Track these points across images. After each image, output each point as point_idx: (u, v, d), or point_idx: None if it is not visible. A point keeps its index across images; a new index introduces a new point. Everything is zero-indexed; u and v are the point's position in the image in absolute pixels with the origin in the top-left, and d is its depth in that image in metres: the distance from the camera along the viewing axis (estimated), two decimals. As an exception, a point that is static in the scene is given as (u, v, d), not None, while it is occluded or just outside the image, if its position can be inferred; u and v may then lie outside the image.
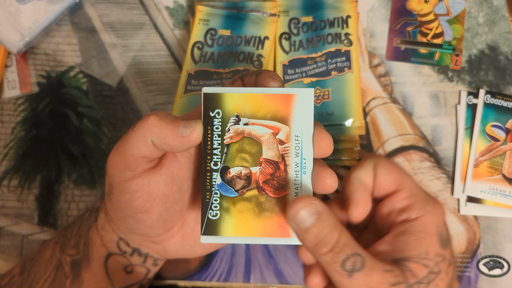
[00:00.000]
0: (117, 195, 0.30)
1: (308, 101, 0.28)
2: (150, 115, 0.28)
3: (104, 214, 0.35)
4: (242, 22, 0.46)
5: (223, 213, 0.28)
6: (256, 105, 0.28)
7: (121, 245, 0.34)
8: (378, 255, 0.28)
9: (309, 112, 0.28)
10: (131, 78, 0.47)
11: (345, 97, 0.43)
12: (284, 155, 0.28)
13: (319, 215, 0.27)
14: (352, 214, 0.29)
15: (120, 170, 0.29)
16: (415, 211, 0.28)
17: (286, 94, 0.28)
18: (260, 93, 0.28)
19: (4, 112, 0.47)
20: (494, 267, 0.41)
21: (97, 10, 0.49)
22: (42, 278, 0.34)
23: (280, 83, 0.29)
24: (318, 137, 0.28)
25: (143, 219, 0.31)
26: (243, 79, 0.31)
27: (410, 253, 0.27)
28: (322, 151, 0.28)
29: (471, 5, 0.47)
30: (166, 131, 0.27)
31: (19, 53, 0.47)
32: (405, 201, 0.29)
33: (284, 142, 0.28)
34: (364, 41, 0.47)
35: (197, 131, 0.27)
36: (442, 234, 0.28)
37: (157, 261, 0.36)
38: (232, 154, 0.28)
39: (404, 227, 0.28)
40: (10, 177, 0.45)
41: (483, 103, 0.45)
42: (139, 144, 0.28)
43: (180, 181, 0.31)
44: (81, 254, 0.34)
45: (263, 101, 0.28)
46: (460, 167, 0.43)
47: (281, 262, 0.42)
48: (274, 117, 0.28)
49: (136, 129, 0.28)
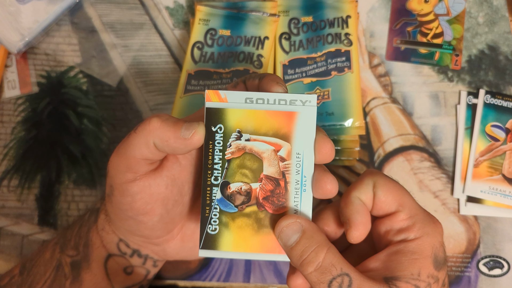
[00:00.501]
0: (118, 197, 0.30)
1: (310, 119, 0.28)
2: (152, 117, 0.28)
3: (104, 215, 0.35)
4: (242, 22, 0.46)
5: (222, 228, 0.28)
6: (258, 121, 0.28)
7: (121, 246, 0.34)
8: (368, 272, 0.28)
9: (311, 130, 0.28)
10: (131, 78, 0.47)
11: (345, 97, 0.43)
12: (284, 172, 0.28)
13: (303, 233, 0.27)
14: (352, 237, 0.28)
15: (121, 172, 0.29)
16: (413, 233, 0.28)
17: (288, 111, 0.28)
18: (263, 110, 0.28)
19: (4, 112, 0.47)
20: (494, 267, 0.41)
21: (97, 10, 0.49)
22: (42, 278, 0.34)
23: (284, 87, 0.29)
24: (320, 143, 0.28)
25: (144, 221, 0.31)
26: (245, 82, 0.31)
27: (402, 273, 0.27)
28: (323, 157, 0.28)
29: (471, 5, 0.47)
30: (168, 133, 0.27)
31: (19, 53, 0.47)
32: (404, 222, 0.28)
33: (285, 159, 0.28)
34: (364, 41, 0.47)
35: (199, 133, 0.27)
36: (438, 256, 0.28)
37: (156, 262, 0.36)
38: (233, 169, 0.28)
39: (400, 246, 0.28)
40: (10, 177, 0.45)
41: (483, 103, 0.45)
42: (141, 146, 0.28)
43: (181, 183, 0.31)
44: (81, 255, 0.34)
45: (265, 117, 0.28)
46: (460, 167, 0.43)
47: (281, 262, 0.42)
48: (276, 134, 0.28)
49: (138, 131, 0.28)
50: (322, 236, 0.27)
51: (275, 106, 0.28)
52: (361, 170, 0.44)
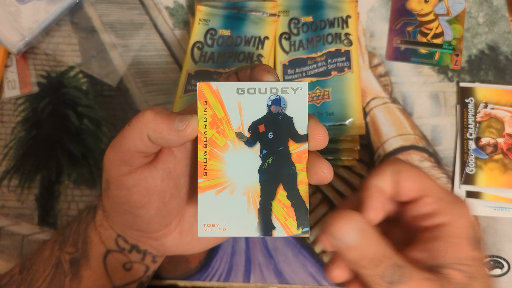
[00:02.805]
0: (114, 190, 0.30)
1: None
2: (145, 110, 0.28)
3: (102, 211, 0.35)
4: (242, 22, 0.46)
5: (478, 170, 0.40)
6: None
7: (119, 242, 0.34)
8: (413, 263, 0.28)
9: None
10: (131, 78, 0.47)
11: (345, 97, 0.43)
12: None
13: (364, 232, 0.27)
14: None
15: (116, 165, 0.29)
16: (442, 216, 0.28)
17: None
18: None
19: (4, 112, 0.47)
20: (494, 267, 0.41)
21: (97, 10, 0.49)
22: (41, 276, 0.34)
23: (275, 76, 0.29)
24: (313, 129, 0.28)
25: (141, 214, 0.31)
26: (237, 74, 0.31)
27: (444, 260, 0.27)
28: (317, 143, 0.28)
29: (471, 5, 0.47)
30: (162, 125, 0.27)
31: (19, 53, 0.47)
32: (431, 206, 0.29)
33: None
34: (364, 41, 0.47)
35: (193, 125, 0.27)
36: (472, 236, 0.28)
37: (155, 257, 0.36)
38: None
39: (434, 233, 0.28)
40: (10, 177, 0.45)
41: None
42: (135, 139, 0.28)
43: (177, 176, 0.31)
44: (80, 252, 0.34)
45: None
46: (460, 167, 0.43)
47: (281, 262, 0.42)
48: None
49: (132, 124, 0.28)
50: (376, 231, 0.28)
51: (266, 95, 0.28)
52: (361, 170, 0.44)
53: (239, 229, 0.28)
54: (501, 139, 0.40)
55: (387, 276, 0.26)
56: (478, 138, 0.40)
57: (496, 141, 0.40)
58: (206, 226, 0.28)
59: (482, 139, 0.40)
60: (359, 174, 0.44)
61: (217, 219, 0.28)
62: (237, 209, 0.28)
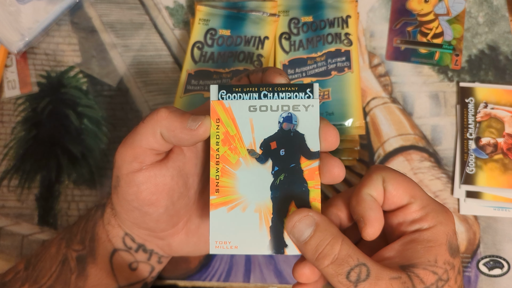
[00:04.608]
0: (124, 187, 0.30)
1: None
2: (160, 108, 0.29)
3: (110, 209, 0.35)
4: (242, 22, 0.46)
5: (478, 170, 0.40)
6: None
7: (126, 240, 0.34)
8: (384, 261, 0.28)
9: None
10: (131, 78, 0.47)
11: (345, 97, 0.43)
12: None
13: (317, 226, 0.27)
14: (368, 234, 0.28)
15: (127, 161, 0.30)
16: (427, 222, 0.28)
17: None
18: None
19: (4, 112, 0.47)
20: (494, 267, 0.41)
21: (97, 10, 0.49)
22: (47, 273, 0.34)
23: (286, 78, 0.29)
24: (325, 131, 0.28)
25: (149, 212, 0.31)
26: (249, 76, 0.31)
27: (418, 260, 0.27)
28: (329, 144, 0.28)
29: (471, 5, 0.47)
30: (175, 124, 0.28)
31: (19, 53, 0.47)
32: (417, 213, 0.29)
33: None
34: (364, 41, 0.47)
35: (205, 125, 0.28)
36: (452, 243, 0.28)
37: (161, 258, 0.36)
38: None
39: (414, 236, 0.28)
40: (10, 177, 0.45)
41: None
42: (148, 135, 0.29)
43: (186, 175, 0.31)
44: (87, 250, 0.35)
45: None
46: (460, 167, 0.43)
47: (281, 262, 0.42)
48: None
49: (146, 121, 0.29)
50: (335, 228, 0.27)
51: (278, 112, 0.28)
52: (361, 170, 0.44)
53: (251, 247, 0.28)
54: (501, 139, 0.41)
55: (353, 275, 0.26)
56: (478, 138, 0.40)
57: (496, 141, 0.40)
58: (218, 244, 0.28)
59: (482, 139, 0.41)
60: (359, 174, 0.44)
61: (229, 236, 0.28)
62: (249, 227, 0.28)
